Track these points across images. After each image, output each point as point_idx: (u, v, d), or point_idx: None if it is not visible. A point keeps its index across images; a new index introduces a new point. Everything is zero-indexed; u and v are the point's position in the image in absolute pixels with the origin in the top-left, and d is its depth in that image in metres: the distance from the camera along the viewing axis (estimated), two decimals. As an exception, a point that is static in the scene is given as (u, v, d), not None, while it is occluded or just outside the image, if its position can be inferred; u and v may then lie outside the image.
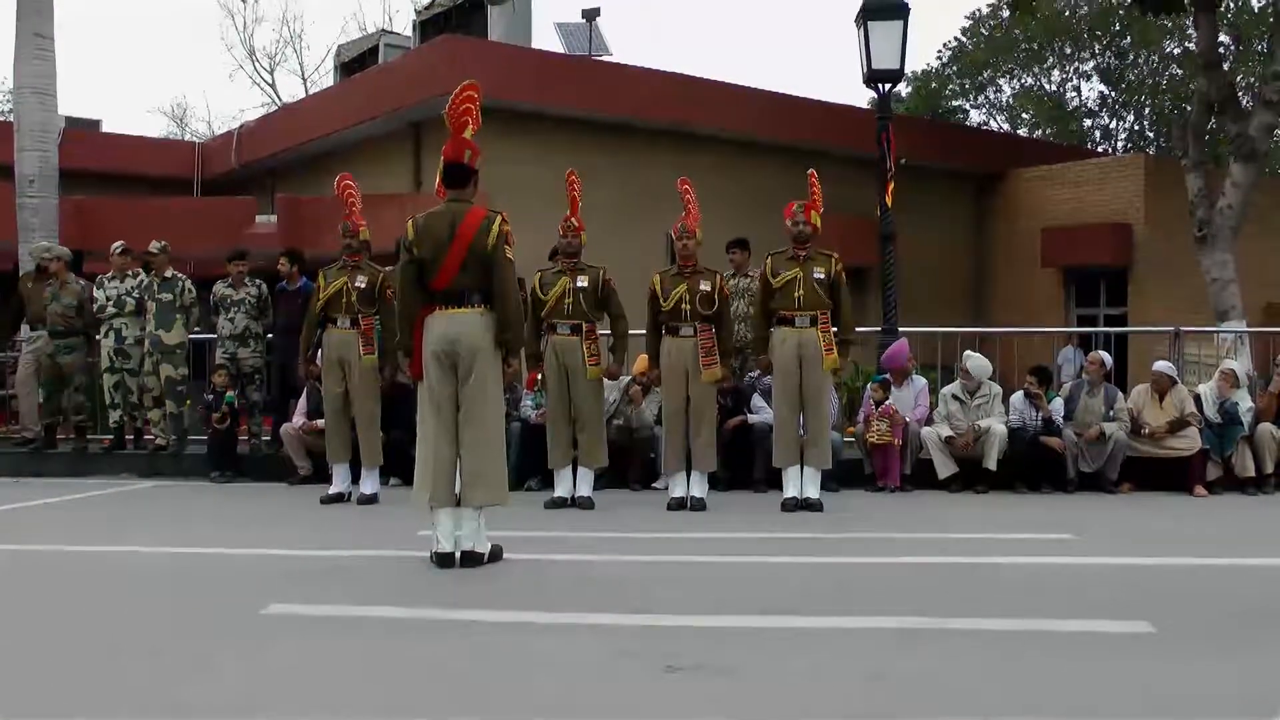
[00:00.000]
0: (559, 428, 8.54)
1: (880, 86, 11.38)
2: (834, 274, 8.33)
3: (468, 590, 5.34)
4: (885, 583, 5.58)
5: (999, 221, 22.59)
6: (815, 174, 8.73)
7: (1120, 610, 4.82)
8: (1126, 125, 38.08)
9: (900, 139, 11.67)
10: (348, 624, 4.67)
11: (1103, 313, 21.02)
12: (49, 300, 11.12)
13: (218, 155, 22.10)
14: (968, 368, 9.72)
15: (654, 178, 15.94)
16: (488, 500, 5.87)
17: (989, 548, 6.58)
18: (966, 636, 4.38)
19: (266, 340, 10.94)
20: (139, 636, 4.51)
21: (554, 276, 8.55)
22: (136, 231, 12.35)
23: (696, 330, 8.33)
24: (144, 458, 11.03)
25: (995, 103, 38.82)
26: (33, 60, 13.22)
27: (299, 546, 6.71)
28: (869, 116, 14.89)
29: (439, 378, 5.88)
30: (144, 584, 5.64)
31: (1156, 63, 35.95)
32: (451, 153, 6.04)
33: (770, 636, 4.42)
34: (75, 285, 11.25)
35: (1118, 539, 7.11)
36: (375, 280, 8.89)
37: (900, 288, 11.26)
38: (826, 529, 7.32)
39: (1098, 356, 9.95)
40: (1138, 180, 20.54)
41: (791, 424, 8.35)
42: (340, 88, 21.33)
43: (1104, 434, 9.43)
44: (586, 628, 4.56)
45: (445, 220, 5.92)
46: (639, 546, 6.67)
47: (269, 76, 39.26)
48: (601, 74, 18.28)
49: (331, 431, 8.95)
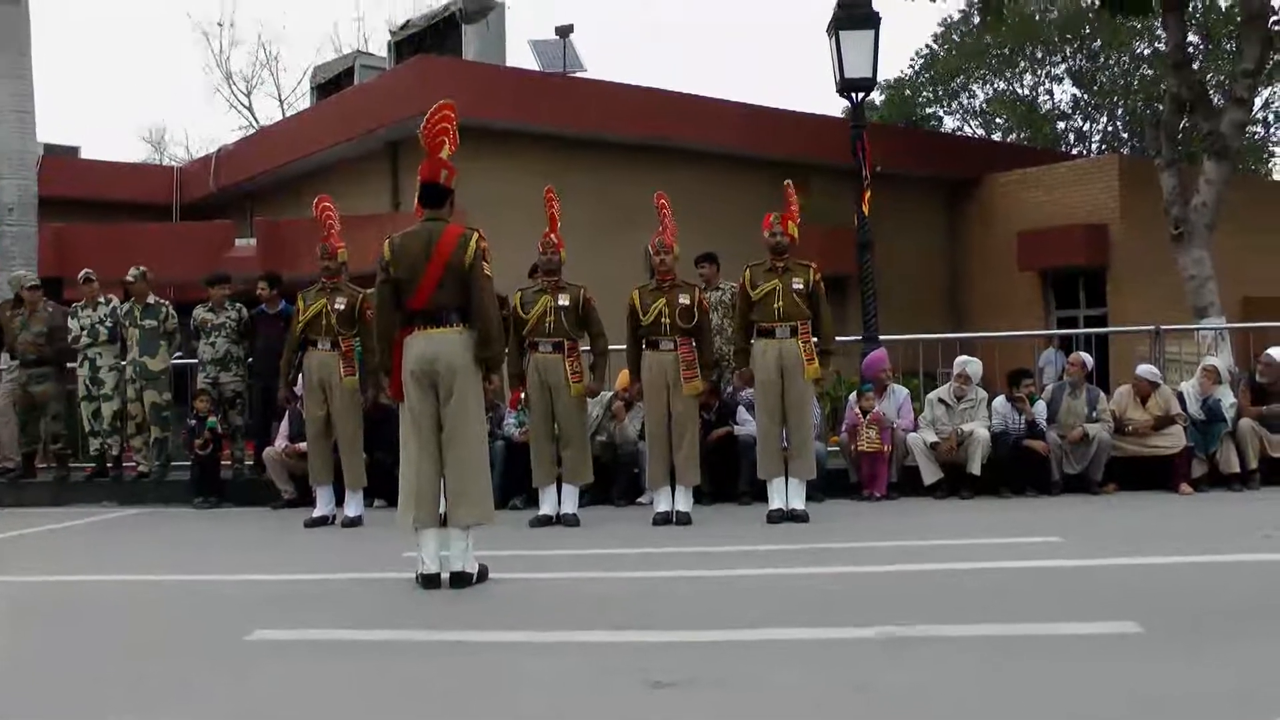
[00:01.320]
0: (542, 445, 8.51)
1: (853, 96, 11.40)
2: (812, 284, 8.32)
3: (454, 611, 5.31)
4: (872, 591, 5.56)
5: (976, 226, 22.65)
6: (791, 185, 8.73)
7: (1108, 611, 4.81)
8: (1100, 127, 38.28)
9: (875, 147, 11.68)
10: (334, 648, 4.64)
11: (1082, 314, 21.07)
12: (19, 329, 11.07)
13: (196, 179, 22.04)
14: (968, 373, 9.72)
15: (631, 193, 15.92)
16: (473, 519, 5.84)
17: (975, 553, 6.58)
18: (954, 643, 4.37)
19: (248, 364, 10.89)
20: (122, 664, 4.47)
21: (535, 295, 8.53)
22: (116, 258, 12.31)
23: (676, 344, 8.31)
24: (126, 485, 10.97)
25: (969, 109, 38.99)
26: (11, 86, 13.16)
27: (283, 571, 6.67)
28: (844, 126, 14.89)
29: (419, 398, 5.85)
30: (127, 612, 5.59)
31: (1127, 64, 36.16)
32: (428, 173, 6.03)
33: (757, 649, 4.40)
34: (45, 312, 11.20)
35: (1104, 540, 7.11)
36: (355, 301, 8.86)
37: (879, 296, 11.26)
38: (812, 539, 7.30)
39: (1078, 358, 9.96)
40: (1112, 181, 20.62)
41: (774, 435, 8.34)
42: (316, 109, 21.30)
43: (1087, 435, 9.44)
44: (574, 645, 4.54)
45: (422, 239, 5.91)
46: (625, 563, 6.64)
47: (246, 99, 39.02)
48: (577, 90, 18.29)
49: (314, 454, 8.90)
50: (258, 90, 47.83)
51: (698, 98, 19.20)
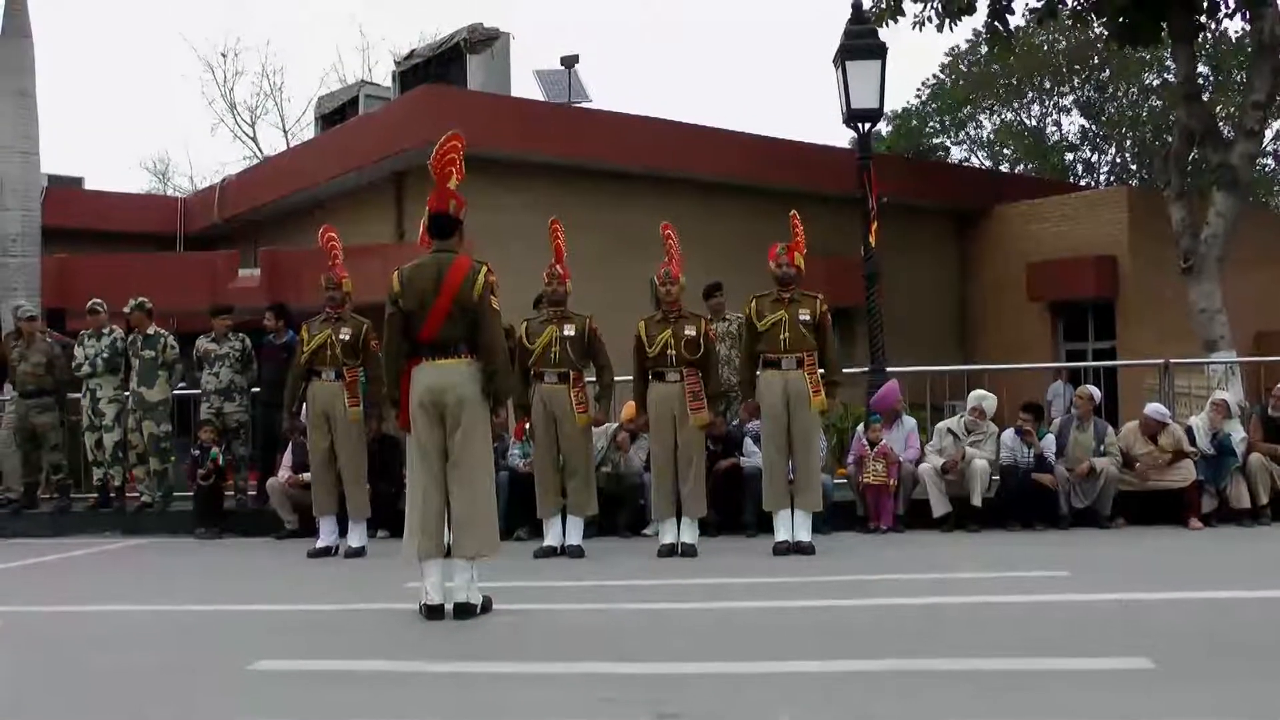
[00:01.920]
0: (547, 476, 8.53)
1: (860, 126, 11.46)
2: (819, 315, 8.35)
3: (457, 642, 5.32)
4: (878, 625, 5.58)
5: (984, 258, 22.69)
6: (797, 215, 8.78)
7: (1118, 646, 4.81)
8: (1108, 158, 38.37)
9: (882, 178, 11.74)
10: (336, 678, 4.65)
11: (1091, 346, 21.09)
12: (17, 360, 11.13)
13: (200, 210, 22.12)
14: (984, 408, 9.73)
15: (636, 223, 15.97)
16: (478, 550, 5.86)
17: (983, 586, 6.59)
18: (961, 678, 4.37)
19: (251, 394, 10.93)
20: (124, 694, 4.49)
21: (540, 325, 8.57)
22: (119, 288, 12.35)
23: (683, 375, 8.35)
24: (129, 516, 10.99)
25: (976, 139, 39.11)
26: (16, 118, 13.27)
27: (286, 601, 6.69)
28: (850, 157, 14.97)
29: (426, 428, 5.88)
30: (128, 643, 5.60)
31: (1136, 95, 36.28)
32: (436, 204, 6.08)
33: (762, 682, 4.41)
34: (44, 343, 11.27)
35: (1113, 574, 7.11)
36: (359, 332, 8.91)
37: (886, 327, 11.30)
38: (818, 572, 7.31)
39: (1086, 391, 9.97)
40: (1121, 212, 20.67)
41: (781, 467, 8.35)
42: (321, 139, 21.40)
43: (1094, 469, 9.44)
44: (577, 677, 4.55)
45: (430, 271, 5.95)
46: (630, 594, 6.65)
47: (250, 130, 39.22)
48: (582, 121, 18.38)
49: (317, 485, 8.93)
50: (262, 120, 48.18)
51: (704, 128, 19.28)
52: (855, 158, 11.81)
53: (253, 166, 27.26)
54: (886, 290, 11.61)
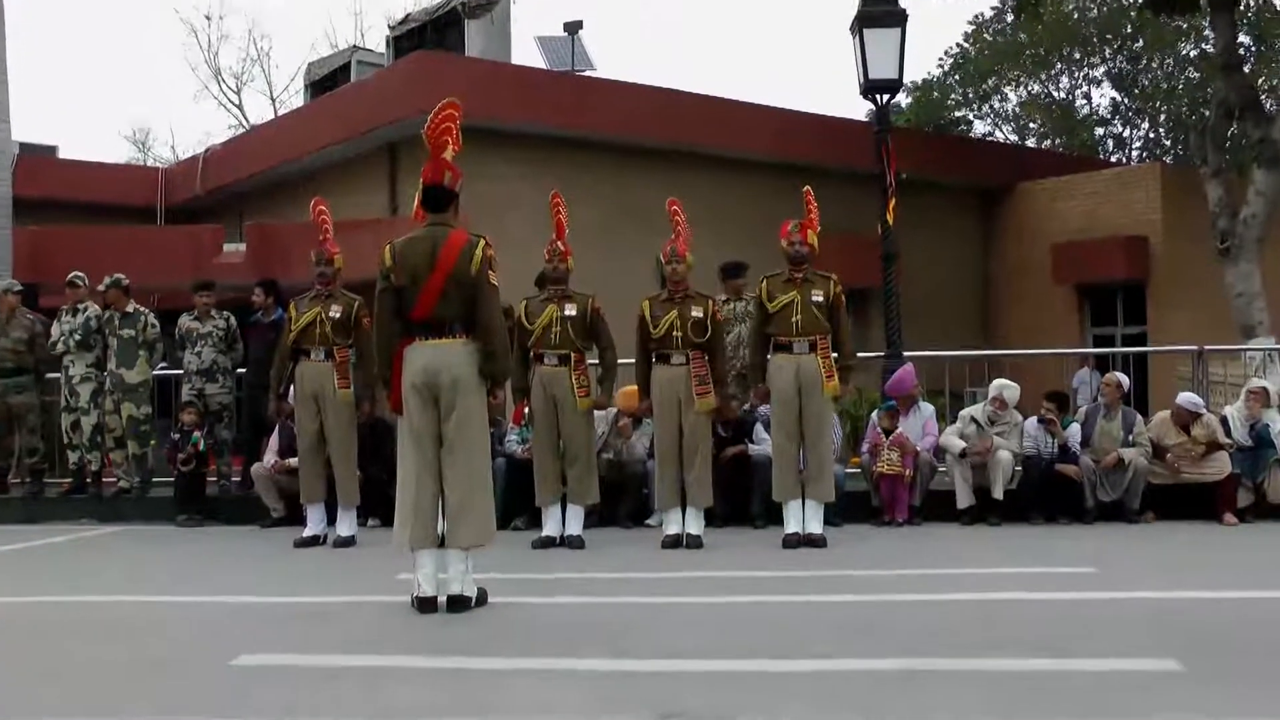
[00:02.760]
0: (546, 463, 8.55)
1: (878, 98, 11.45)
2: (833, 296, 8.35)
3: (451, 636, 5.34)
4: (891, 622, 5.59)
5: (1007, 237, 22.67)
6: (811, 191, 8.77)
7: (1145, 648, 4.82)
8: (1141, 133, 38.26)
9: (901, 153, 11.73)
10: (324, 674, 4.67)
11: (1120, 331, 21.08)
12: None
13: (182, 181, 22.12)
14: (1005, 397, 9.72)
15: (642, 198, 15.98)
16: (473, 540, 5.88)
17: (1003, 583, 6.59)
18: (977, 678, 4.39)
19: (236, 375, 10.94)
20: (99, 692, 4.51)
21: (540, 304, 8.58)
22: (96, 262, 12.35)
23: (689, 358, 8.36)
24: (106, 502, 11.01)
25: (1000, 112, 39.00)
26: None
27: (272, 593, 6.72)
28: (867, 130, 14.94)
29: (420, 411, 5.89)
30: (105, 635, 5.63)
31: (1171, 66, 36.12)
32: (431, 175, 6.07)
33: (769, 680, 4.43)
34: (25, 319, 11.25)
35: (1141, 571, 7.12)
36: (350, 309, 8.91)
37: (904, 310, 11.29)
38: (829, 566, 7.32)
39: (1113, 378, 9.96)
40: (1154, 190, 20.64)
41: (791, 455, 8.36)
42: (311, 108, 21.38)
43: (1123, 461, 9.43)
44: (577, 674, 4.57)
45: (425, 246, 5.95)
46: (632, 587, 6.68)
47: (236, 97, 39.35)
48: (585, 90, 18.36)
49: (305, 471, 8.95)
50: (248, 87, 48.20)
51: (713, 99, 19.25)
52: (873, 131, 11.79)
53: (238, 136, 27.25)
54: (904, 271, 11.62)
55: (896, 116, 30.12)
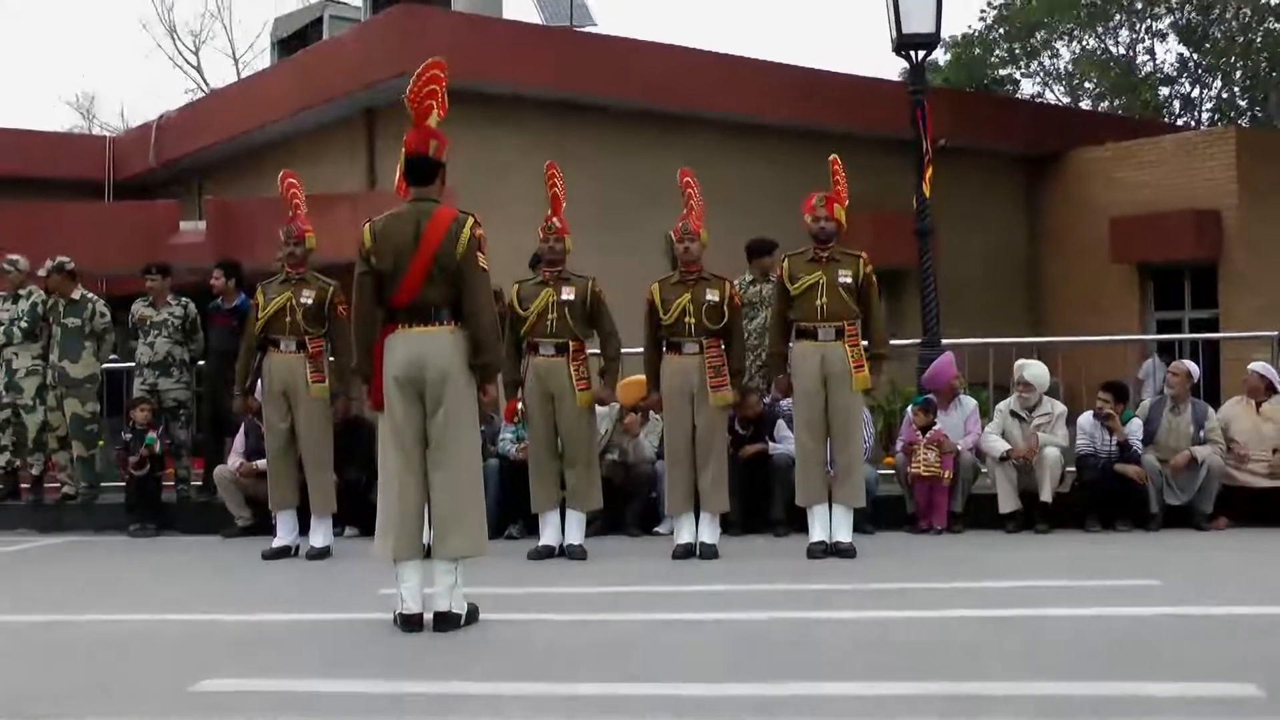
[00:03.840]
0: (544, 464, 8.56)
1: (912, 55, 11.43)
2: (862, 277, 8.35)
3: (439, 659, 5.36)
4: (928, 641, 5.60)
5: (1059, 211, 22.64)
6: (838, 160, 8.77)
7: (1218, 671, 4.82)
8: (1212, 93, 38.16)
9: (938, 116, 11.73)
10: (295, 701, 4.69)
11: (1187, 316, 21.06)
12: None
13: (133, 152, 22.18)
14: (1026, 378, 9.70)
15: (649, 169, 16.00)
16: (463, 551, 5.90)
17: (1054, 598, 6.60)
18: (1025, 704, 4.39)
19: (194, 369, 10.96)
20: (49, 720, 4.52)
21: (535, 288, 8.58)
22: (37, 243, 12.39)
23: (703, 347, 8.36)
24: (47, 510, 11.03)
25: (1051, 70, 38.92)
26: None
27: (237, 610, 6.73)
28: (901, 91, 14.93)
29: (403, 408, 5.91)
30: (49, 659, 5.64)
31: (1248, 17, 35.93)
32: (415, 144, 6.08)
33: (792, 706, 4.44)
34: None
35: (1213, 585, 7.09)
36: (324, 295, 8.91)
37: (942, 292, 11.29)
38: (859, 579, 7.33)
39: (1181, 366, 9.92)
40: (1228, 157, 20.57)
41: (817, 455, 8.37)
42: (278, 70, 21.41)
43: (1196, 460, 9.41)
44: (576, 700, 4.58)
45: (408, 224, 5.97)
46: (639, 603, 6.70)
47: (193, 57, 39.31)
48: (585, 48, 18.37)
49: (275, 474, 8.96)
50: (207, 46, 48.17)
51: (729, 57, 19.26)
52: (907, 92, 11.78)
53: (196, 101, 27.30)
54: (942, 249, 11.64)
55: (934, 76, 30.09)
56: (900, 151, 13.72)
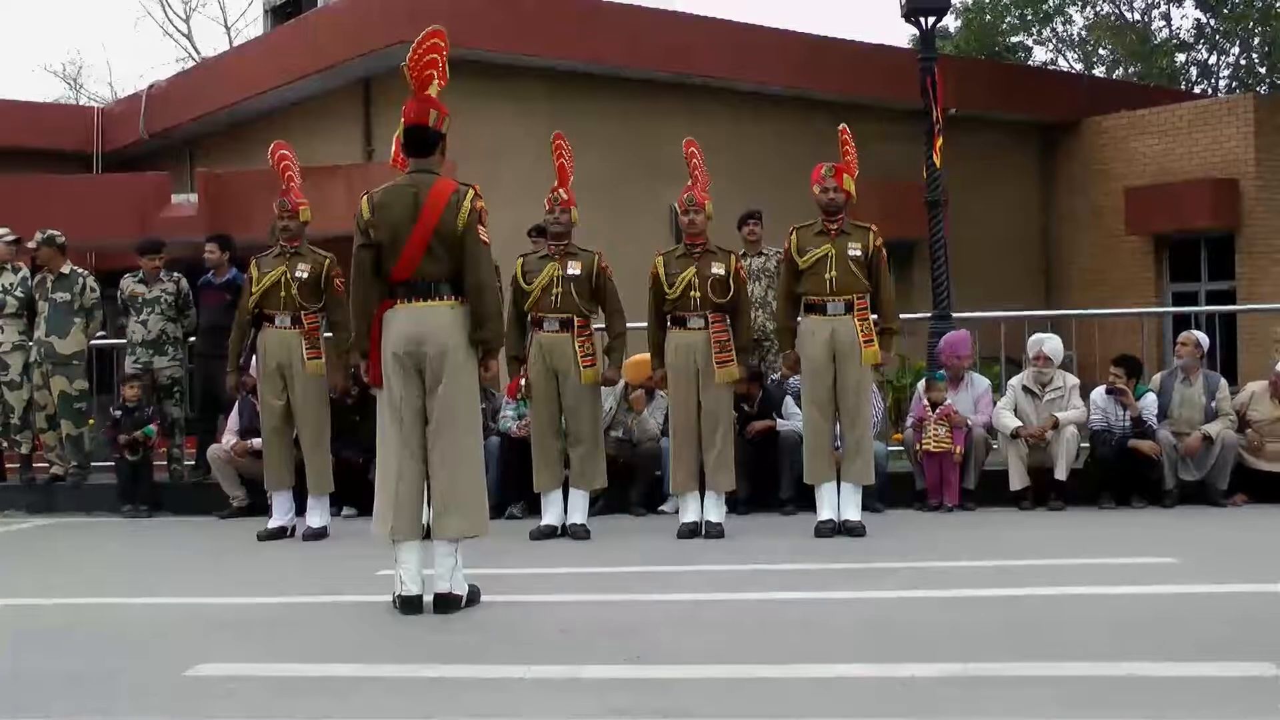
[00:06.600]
0: (546, 442, 8.56)
1: (923, 21, 11.39)
2: (872, 250, 8.33)
3: (439, 641, 5.37)
4: (940, 621, 5.61)
5: (1073, 181, 22.57)
6: (847, 130, 8.73)
7: (1236, 650, 4.82)
8: (1230, 59, 37.98)
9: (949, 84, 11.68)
10: (292, 685, 4.70)
11: (1204, 288, 21.00)
12: None
13: (122, 123, 22.11)
14: (1045, 352, 9.67)
15: (655, 139, 15.97)
16: (463, 531, 5.90)
17: (1069, 576, 6.61)
18: (1041, 685, 4.39)
19: (187, 346, 10.95)
20: (35, 707, 4.52)
21: (539, 262, 8.56)
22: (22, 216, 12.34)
23: (708, 322, 8.35)
24: (36, 490, 11.03)
25: (1065, 37, 38.78)
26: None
27: (232, 593, 6.75)
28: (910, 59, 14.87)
29: (402, 385, 5.90)
30: (41, 644, 5.65)
31: (1269, -20, 35.81)
32: (414, 114, 6.07)
33: (799, 688, 4.45)
34: None
35: (1230, 562, 7.11)
36: (320, 269, 8.88)
37: (953, 265, 11.27)
38: (869, 558, 7.35)
39: (1191, 336, 9.91)
40: (1246, 126, 20.48)
41: (826, 432, 8.37)
42: (272, 38, 21.34)
43: (1210, 437, 9.40)
44: (582, 682, 4.59)
45: (407, 196, 5.95)
46: (643, 583, 6.71)
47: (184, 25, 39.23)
48: (590, 15, 18.27)
49: (270, 454, 8.95)
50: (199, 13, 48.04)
51: (734, 24, 19.18)
52: (917, 59, 11.74)
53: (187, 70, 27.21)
54: (954, 221, 11.61)
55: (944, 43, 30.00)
56: (910, 121, 13.66)
